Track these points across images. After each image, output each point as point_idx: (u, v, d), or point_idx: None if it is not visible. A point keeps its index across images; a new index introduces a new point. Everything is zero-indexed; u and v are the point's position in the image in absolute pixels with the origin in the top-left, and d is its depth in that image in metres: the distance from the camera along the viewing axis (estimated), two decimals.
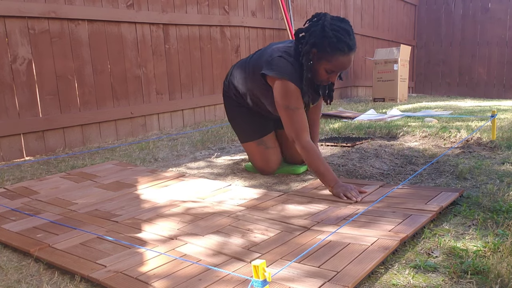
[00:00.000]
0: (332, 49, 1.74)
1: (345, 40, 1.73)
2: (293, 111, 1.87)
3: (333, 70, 1.80)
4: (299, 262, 1.21)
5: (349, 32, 1.76)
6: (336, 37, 1.73)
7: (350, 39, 1.75)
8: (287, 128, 1.90)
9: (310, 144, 1.85)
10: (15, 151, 2.72)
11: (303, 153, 1.85)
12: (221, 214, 1.63)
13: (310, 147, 1.84)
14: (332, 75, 1.83)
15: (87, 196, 1.92)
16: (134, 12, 3.29)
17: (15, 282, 1.23)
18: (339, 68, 1.79)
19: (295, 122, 1.87)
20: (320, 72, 1.83)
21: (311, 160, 1.82)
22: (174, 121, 3.71)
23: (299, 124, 1.86)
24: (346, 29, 1.76)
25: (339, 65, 1.78)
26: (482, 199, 1.68)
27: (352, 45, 1.75)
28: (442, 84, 7.59)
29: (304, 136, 1.86)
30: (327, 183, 1.80)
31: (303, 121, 1.87)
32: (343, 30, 1.74)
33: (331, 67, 1.79)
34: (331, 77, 1.84)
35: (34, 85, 2.79)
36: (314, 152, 1.83)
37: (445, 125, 3.21)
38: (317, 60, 1.81)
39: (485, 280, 1.13)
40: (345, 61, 1.77)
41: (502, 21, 6.90)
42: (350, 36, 1.76)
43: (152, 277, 1.17)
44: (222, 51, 4.09)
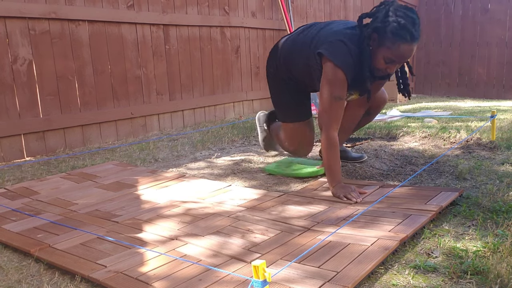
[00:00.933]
0: (394, 36, 1.65)
1: (408, 28, 1.64)
2: (334, 100, 1.79)
3: (392, 59, 1.69)
4: (299, 262, 1.21)
5: (415, 21, 1.66)
6: (399, 24, 1.64)
7: (414, 28, 1.65)
8: (321, 113, 1.85)
9: (335, 139, 1.81)
10: (15, 151, 2.72)
11: (325, 144, 1.81)
12: (221, 215, 1.63)
13: (334, 142, 1.80)
14: (390, 65, 1.72)
15: (87, 196, 1.93)
16: (135, 13, 3.30)
17: (16, 282, 1.23)
18: (398, 58, 1.69)
19: (331, 112, 1.81)
20: (378, 60, 1.73)
21: (329, 155, 1.80)
22: (174, 121, 3.71)
23: (334, 115, 1.81)
24: (412, 17, 1.66)
25: (400, 54, 1.67)
26: (481, 199, 1.68)
27: (416, 35, 1.65)
28: (441, 85, 7.59)
29: (334, 129, 1.82)
30: (331, 182, 1.80)
31: (338, 113, 1.82)
32: (408, 18, 1.65)
33: (391, 55, 1.69)
34: (390, 68, 1.73)
35: (34, 85, 2.79)
36: (336, 148, 1.81)
37: (444, 126, 3.21)
38: (377, 46, 1.71)
39: (485, 281, 1.13)
40: (406, 50, 1.66)
41: (501, 21, 6.90)
42: (415, 25, 1.66)
43: (152, 277, 1.17)
44: (222, 52, 4.09)
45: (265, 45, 4.60)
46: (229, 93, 4.21)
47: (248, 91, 4.44)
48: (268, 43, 4.63)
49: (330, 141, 1.80)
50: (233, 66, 4.23)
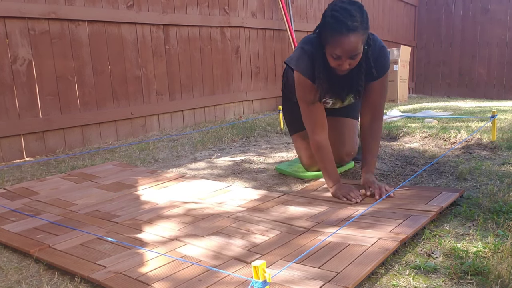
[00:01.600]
0: (331, 30, 1.61)
1: (342, 20, 1.58)
2: (308, 106, 1.82)
3: (336, 54, 1.63)
4: (300, 263, 1.21)
5: (351, 13, 1.59)
6: (334, 17, 1.60)
7: (351, 19, 1.58)
8: (304, 121, 1.88)
9: (322, 141, 1.82)
10: (15, 151, 2.72)
11: (314, 148, 1.84)
12: (221, 215, 1.62)
13: (321, 144, 1.82)
14: (339, 61, 1.65)
15: (87, 196, 1.92)
16: (134, 13, 3.29)
17: (15, 282, 1.23)
18: (341, 52, 1.62)
19: (308, 117, 1.84)
20: (329, 59, 1.68)
21: (320, 158, 1.83)
22: (174, 121, 3.71)
23: (313, 119, 1.83)
24: (347, 9, 1.60)
25: (340, 47, 1.61)
26: (482, 199, 1.68)
27: (351, 26, 1.57)
28: (442, 85, 7.59)
29: (317, 133, 1.83)
30: (329, 183, 1.81)
31: (316, 116, 1.83)
32: (343, 10, 1.60)
33: (334, 50, 1.63)
34: (341, 64, 1.66)
35: (34, 85, 2.79)
36: (324, 150, 1.82)
37: (445, 126, 3.21)
38: (324, 45, 1.68)
39: (485, 281, 1.12)
40: (345, 42, 1.59)
41: (502, 22, 6.90)
42: (351, 16, 1.58)
43: (152, 278, 1.16)
44: (222, 52, 4.09)
45: (265, 45, 4.59)
46: (229, 93, 4.21)
47: (248, 91, 4.43)
48: (268, 43, 4.63)
49: (317, 144, 1.83)
50: (233, 66, 4.23)
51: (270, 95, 4.69)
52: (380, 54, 1.79)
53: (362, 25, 1.60)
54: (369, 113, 1.87)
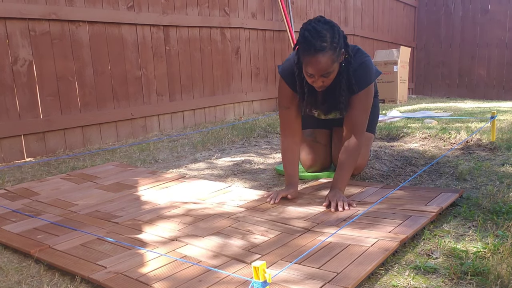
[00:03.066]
0: (302, 51, 1.65)
1: (310, 40, 1.60)
2: (281, 110, 1.92)
3: (309, 72, 1.66)
4: (299, 263, 1.21)
5: (320, 33, 1.61)
6: (303, 37, 1.63)
7: (320, 39, 1.60)
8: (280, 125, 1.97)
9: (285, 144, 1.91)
10: (15, 152, 2.72)
11: (281, 148, 1.94)
12: (222, 216, 1.63)
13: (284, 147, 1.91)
14: (313, 79, 1.68)
15: (87, 197, 1.93)
16: (135, 14, 3.30)
17: (16, 283, 1.23)
18: (312, 70, 1.64)
19: (281, 120, 1.94)
20: (305, 76, 1.72)
21: (284, 159, 1.91)
22: (174, 122, 3.72)
23: (283, 123, 1.93)
24: (317, 29, 1.62)
25: (311, 66, 1.64)
26: (482, 200, 1.68)
27: (318, 46, 1.59)
28: (442, 86, 7.60)
29: (284, 135, 1.93)
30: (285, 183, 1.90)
31: (287, 121, 1.91)
32: (313, 30, 1.62)
33: (306, 68, 1.67)
34: (314, 81, 1.69)
35: (34, 86, 2.79)
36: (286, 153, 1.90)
37: (445, 127, 3.21)
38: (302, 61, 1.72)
39: (485, 281, 1.13)
40: (314, 62, 1.61)
41: (501, 22, 6.91)
42: (320, 37, 1.60)
43: (152, 278, 1.17)
44: (222, 53, 4.09)
45: (265, 46, 4.60)
46: (229, 94, 4.21)
47: (248, 92, 4.44)
48: (268, 44, 4.64)
49: (283, 147, 1.92)
50: (233, 67, 4.23)
51: (270, 95, 4.69)
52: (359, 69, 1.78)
53: (332, 44, 1.61)
54: (348, 128, 1.83)
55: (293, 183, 1.86)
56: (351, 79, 1.76)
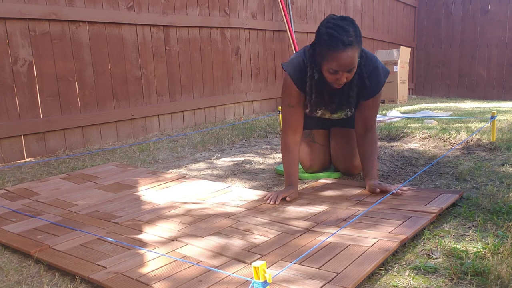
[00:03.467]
0: (328, 47, 1.67)
1: (337, 36, 1.64)
2: (285, 108, 1.91)
3: (334, 69, 1.69)
4: (300, 263, 1.21)
5: (345, 28, 1.66)
6: (328, 34, 1.66)
7: (346, 35, 1.65)
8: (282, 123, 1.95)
9: (289, 144, 1.90)
10: (15, 152, 2.72)
11: (281, 148, 1.93)
12: (222, 216, 1.63)
13: (287, 147, 1.90)
14: (337, 75, 1.71)
15: (87, 197, 1.93)
16: (135, 14, 3.30)
17: (16, 283, 1.23)
18: (339, 66, 1.68)
19: (285, 119, 1.92)
20: (326, 74, 1.74)
21: (284, 159, 1.91)
22: (174, 122, 3.72)
23: (287, 122, 1.91)
24: (341, 25, 1.66)
25: (338, 63, 1.67)
26: (482, 200, 1.68)
27: (347, 41, 1.64)
28: (442, 86, 7.60)
29: (288, 135, 1.91)
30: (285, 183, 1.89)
31: (291, 120, 1.90)
32: (337, 27, 1.66)
33: (331, 66, 1.69)
34: (338, 78, 1.72)
35: (34, 86, 2.79)
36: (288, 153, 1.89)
37: (445, 127, 3.21)
38: (320, 61, 1.74)
39: (485, 282, 1.13)
40: (342, 58, 1.66)
41: (501, 23, 6.91)
42: (346, 32, 1.65)
43: (152, 278, 1.17)
44: (222, 53, 4.09)
45: (265, 46, 4.60)
46: (229, 94, 4.21)
47: (248, 92, 4.44)
48: (268, 44, 4.64)
49: (284, 146, 1.91)
50: (233, 67, 4.23)
51: (270, 96, 4.69)
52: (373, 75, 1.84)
53: (356, 39, 1.67)
54: (364, 126, 1.94)
55: (293, 182, 1.86)
56: (363, 73, 1.81)
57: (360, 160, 2.00)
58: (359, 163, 2.06)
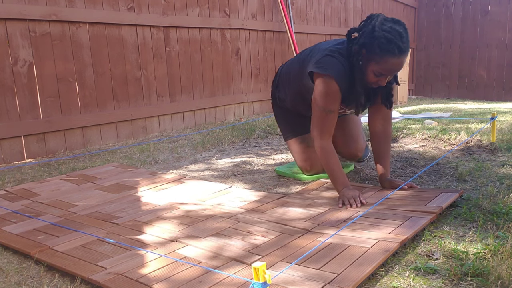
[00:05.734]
0: (382, 51, 1.65)
1: (395, 42, 1.63)
2: (326, 114, 1.81)
3: (381, 72, 1.70)
4: (300, 264, 1.21)
5: (402, 34, 1.66)
6: (386, 38, 1.64)
7: (402, 41, 1.65)
8: (313, 125, 1.86)
9: (329, 146, 1.84)
10: (15, 153, 2.72)
11: (321, 153, 1.84)
12: (221, 216, 1.63)
13: (329, 149, 1.83)
14: (381, 78, 1.72)
15: (87, 198, 1.92)
16: (135, 15, 3.30)
17: (16, 284, 1.23)
18: (388, 71, 1.69)
19: (324, 125, 1.83)
20: (369, 74, 1.73)
21: (328, 162, 1.81)
22: (174, 123, 3.72)
23: (327, 127, 1.83)
24: (399, 31, 1.65)
25: (389, 67, 1.68)
26: (482, 201, 1.68)
27: (403, 48, 1.65)
28: (442, 87, 7.60)
29: (325, 138, 1.84)
30: (337, 186, 1.79)
31: (331, 126, 1.84)
32: (394, 32, 1.65)
33: (380, 69, 1.69)
34: (381, 80, 1.73)
35: (35, 87, 2.79)
36: (331, 154, 1.82)
37: (445, 127, 3.21)
38: (366, 61, 1.71)
39: (485, 282, 1.13)
40: (395, 63, 1.66)
41: (501, 23, 6.91)
42: (402, 38, 1.65)
43: (152, 279, 1.17)
44: (222, 54, 4.10)
45: (265, 47, 4.60)
46: (229, 95, 4.22)
47: (248, 93, 4.44)
48: (269, 45, 4.64)
49: (324, 150, 1.83)
50: (233, 68, 4.23)
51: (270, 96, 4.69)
52: None
53: (408, 45, 1.68)
54: (384, 120, 1.93)
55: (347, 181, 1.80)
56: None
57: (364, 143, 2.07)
58: (362, 145, 2.12)
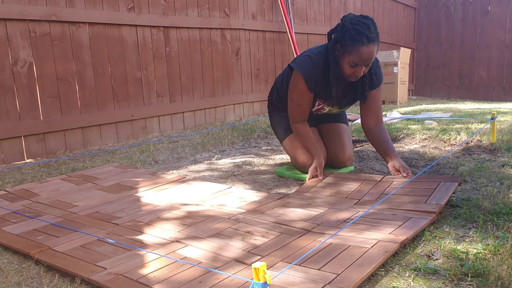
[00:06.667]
0: (352, 41, 1.82)
1: (363, 32, 1.80)
2: (296, 106, 2.09)
3: (355, 62, 1.85)
4: (300, 264, 1.21)
5: (369, 26, 1.83)
6: (355, 29, 1.81)
7: (370, 32, 1.81)
8: (289, 112, 2.15)
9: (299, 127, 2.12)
10: (16, 153, 2.72)
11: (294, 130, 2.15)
12: (222, 217, 1.63)
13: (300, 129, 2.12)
14: (356, 68, 1.88)
15: (87, 198, 1.92)
16: (135, 15, 3.30)
17: (16, 284, 1.23)
18: (361, 60, 1.84)
19: (295, 114, 2.12)
20: (345, 67, 1.90)
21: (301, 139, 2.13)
22: (174, 123, 3.72)
23: (299, 115, 2.12)
24: (366, 23, 1.83)
25: (361, 56, 1.83)
26: (482, 201, 1.68)
27: (371, 37, 1.81)
28: (442, 87, 7.60)
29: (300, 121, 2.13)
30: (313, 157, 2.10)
31: (302, 114, 2.12)
32: (362, 23, 1.83)
33: (353, 59, 1.85)
34: (357, 71, 1.89)
35: (35, 87, 2.80)
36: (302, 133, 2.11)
37: (445, 128, 3.21)
38: (341, 54, 1.89)
39: (486, 283, 1.13)
40: (365, 52, 1.82)
41: (501, 23, 6.91)
42: (369, 29, 1.82)
43: (152, 279, 1.17)
44: (222, 54, 4.10)
45: (265, 47, 4.60)
46: (229, 95, 4.22)
47: (248, 93, 4.44)
48: (269, 45, 4.64)
49: (297, 129, 2.14)
50: (233, 68, 4.23)
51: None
52: (377, 65, 2.06)
53: (377, 36, 1.85)
54: (373, 118, 2.10)
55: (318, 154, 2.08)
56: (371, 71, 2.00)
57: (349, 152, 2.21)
58: (350, 154, 2.24)
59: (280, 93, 2.29)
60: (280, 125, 2.32)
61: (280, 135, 2.31)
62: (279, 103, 2.33)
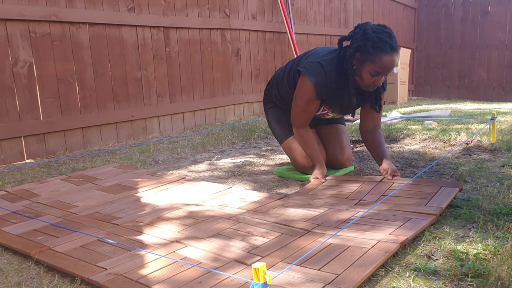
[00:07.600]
0: (375, 49, 1.80)
1: (386, 40, 1.79)
2: (302, 112, 2.07)
3: (377, 71, 1.83)
4: (300, 265, 1.21)
5: (390, 35, 1.82)
6: (378, 38, 1.79)
7: (392, 40, 1.81)
8: (292, 117, 2.13)
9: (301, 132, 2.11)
10: (16, 153, 2.72)
11: (297, 135, 2.15)
12: (222, 217, 1.63)
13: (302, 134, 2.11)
14: (377, 77, 1.86)
15: (87, 198, 1.92)
16: (135, 16, 3.30)
17: (16, 284, 1.23)
18: (383, 69, 1.82)
19: (300, 120, 2.10)
20: (364, 76, 1.86)
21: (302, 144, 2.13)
22: (174, 123, 3.72)
23: (303, 121, 2.10)
24: (387, 32, 1.83)
25: (383, 65, 1.81)
26: (482, 201, 1.68)
27: (394, 46, 1.81)
28: (442, 87, 7.60)
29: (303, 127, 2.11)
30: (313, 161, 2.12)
31: (307, 120, 2.10)
32: (384, 32, 1.82)
33: (375, 67, 1.82)
34: (377, 80, 1.87)
35: (35, 88, 2.79)
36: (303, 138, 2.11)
37: (445, 128, 3.21)
38: (361, 63, 1.86)
39: (486, 283, 1.13)
40: (388, 60, 1.80)
41: (501, 24, 6.91)
42: (392, 38, 1.82)
43: (152, 280, 1.17)
44: (222, 54, 4.10)
45: (265, 48, 4.60)
46: (229, 96, 4.22)
47: (248, 93, 4.44)
48: (269, 46, 4.64)
49: (300, 134, 2.13)
50: (233, 69, 4.23)
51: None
52: None
53: (397, 45, 1.85)
54: (372, 122, 2.12)
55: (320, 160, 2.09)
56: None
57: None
58: (349, 155, 2.25)
59: (281, 92, 2.26)
60: (279, 125, 2.30)
61: (280, 136, 2.29)
62: (279, 101, 2.30)
